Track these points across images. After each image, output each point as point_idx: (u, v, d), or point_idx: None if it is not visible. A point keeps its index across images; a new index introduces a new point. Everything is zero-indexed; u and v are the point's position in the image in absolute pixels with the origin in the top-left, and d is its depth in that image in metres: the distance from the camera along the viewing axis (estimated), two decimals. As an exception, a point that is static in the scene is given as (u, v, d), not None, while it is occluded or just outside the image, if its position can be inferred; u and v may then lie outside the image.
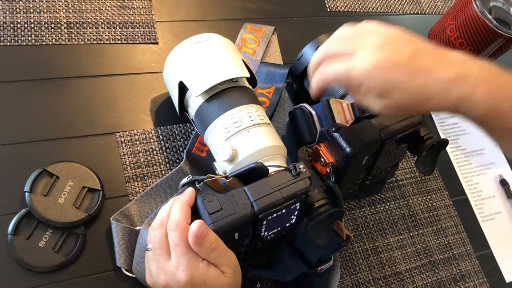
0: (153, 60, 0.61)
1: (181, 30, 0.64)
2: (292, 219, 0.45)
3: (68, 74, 0.57)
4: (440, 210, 0.65)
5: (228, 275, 0.39)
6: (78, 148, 0.53)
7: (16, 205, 0.48)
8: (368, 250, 0.59)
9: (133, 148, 0.55)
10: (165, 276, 0.38)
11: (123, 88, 0.58)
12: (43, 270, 0.46)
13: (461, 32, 0.57)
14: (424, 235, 0.62)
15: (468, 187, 0.69)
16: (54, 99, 0.55)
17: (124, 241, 0.48)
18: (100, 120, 0.55)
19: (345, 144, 0.48)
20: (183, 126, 0.58)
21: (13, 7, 0.58)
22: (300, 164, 0.42)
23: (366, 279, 0.57)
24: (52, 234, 0.47)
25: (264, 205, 0.40)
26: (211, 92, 0.49)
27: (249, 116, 0.48)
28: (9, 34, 0.56)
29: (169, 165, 0.55)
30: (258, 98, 0.54)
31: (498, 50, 0.57)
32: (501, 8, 0.57)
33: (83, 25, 0.60)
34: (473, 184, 0.69)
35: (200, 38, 0.51)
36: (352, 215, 0.60)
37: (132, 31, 0.62)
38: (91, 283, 0.47)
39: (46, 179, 0.49)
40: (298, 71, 0.60)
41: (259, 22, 0.68)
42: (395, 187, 0.64)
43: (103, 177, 0.51)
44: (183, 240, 0.37)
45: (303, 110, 0.53)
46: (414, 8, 0.81)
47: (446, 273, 0.61)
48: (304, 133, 0.54)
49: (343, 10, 0.75)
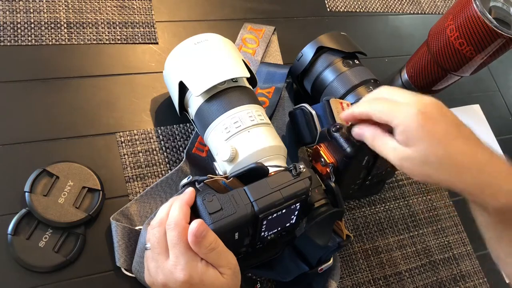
0: (153, 60, 0.61)
1: (181, 30, 0.64)
2: (292, 219, 0.45)
3: (68, 74, 0.57)
4: (440, 210, 0.65)
5: (226, 276, 0.39)
6: (78, 148, 0.53)
7: (16, 205, 0.48)
8: (368, 250, 0.59)
9: (133, 148, 0.55)
10: (163, 275, 0.38)
11: (123, 88, 0.58)
12: (43, 270, 0.46)
13: (461, 32, 0.57)
14: (424, 235, 0.62)
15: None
16: (54, 99, 0.55)
17: (124, 241, 0.48)
18: (100, 120, 0.55)
19: (345, 144, 0.48)
20: (183, 126, 0.58)
21: (13, 7, 0.58)
22: (300, 164, 0.42)
23: (366, 279, 0.57)
24: (52, 234, 0.47)
25: (264, 205, 0.40)
26: (211, 92, 0.49)
27: (249, 116, 0.48)
28: (9, 34, 0.56)
29: (169, 165, 0.55)
30: (258, 98, 0.54)
31: (498, 50, 0.57)
32: (501, 8, 0.57)
33: (83, 25, 0.60)
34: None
35: (200, 38, 0.51)
36: (352, 215, 0.60)
37: (132, 31, 0.62)
38: (91, 283, 0.47)
39: (46, 179, 0.49)
40: (298, 71, 0.60)
41: (259, 22, 0.68)
42: (395, 187, 0.64)
43: (103, 177, 0.51)
44: (182, 239, 0.37)
45: (303, 110, 0.53)
46: (414, 8, 0.81)
47: (446, 273, 0.61)
48: (304, 133, 0.54)
49: (343, 10, 0.75)
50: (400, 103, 0.40)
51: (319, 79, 0.58)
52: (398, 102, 0.41)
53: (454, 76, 0.64)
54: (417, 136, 0.39)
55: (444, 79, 0.65)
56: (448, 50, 0.60)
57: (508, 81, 0.80)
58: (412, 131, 0.39)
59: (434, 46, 0.62)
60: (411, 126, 0.39)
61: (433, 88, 0.68)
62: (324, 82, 0.58)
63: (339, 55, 0.57)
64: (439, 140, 0.39)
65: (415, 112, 0.39)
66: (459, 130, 0.39)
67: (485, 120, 0.75)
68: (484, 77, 0.78)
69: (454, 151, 0.39)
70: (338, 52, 0.57)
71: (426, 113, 0.39)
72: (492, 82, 0.79)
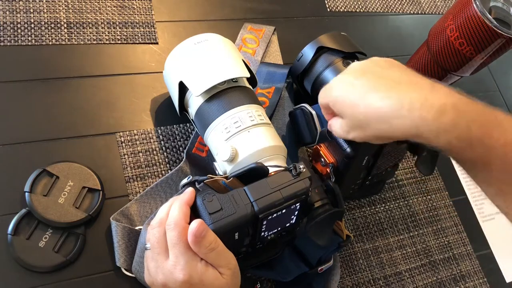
0: (153, 60, 0.61)
1: (181, 30, 0.64)
2: (292, 219, 0.45)
3: (68, 74, 0.57)
4: (440, 210, 0.65)
5: (226, 276, 0.39)
6: (78, 148, 0.53)
7: (16, 205, 0.48)
8: (368, 250, 0.59)
9: (133, 148, 0.55)
10: (163, 275, 0.38)
11: (123, 88, 0.58)
12: (43, 270, 0.46)
13: (461, 32, 0.57)
14: (424, 235, 0.62)
15: (468, 187, 0.68)
16: (54, 99, 0.55)
17: (124, 241, 0.48)
18: (100, 120, 0.55)
19: (345, 145, 0.48)
20: (183, 126, 0.58)
21: (13, 7, 0.58)
22: (300, 164, 0.42)
23: (366, 279, 0.57)
24: (52, 234, 0.47)
25: (264, 205, 0.40)
26: (211, 92, 0.49)
27: (249, 116, 0.48)
28: (9, 34, 0.56)
29: (169, 165, 0.55)
30: (258, 98, 0.54)
31: (498, 50, 0.57)
32: (501, 8, 0.57)
33: (83, 25, 0.60)
34: (473, 184, 0.69)
35: (200, 38, 0.51)
36: (352, 215, 0.60)
37: (132, 31, 0.62)
38: (91, 283, 0.47)
39: (46, 179, 0.49)
40: (298, 71, 0.60)
41: (259, 22, 0.68)
42: (395, 187, 0.64)
43: (103, 177, 0.51)
44: (181, 239, 0.37)
45: (304, 110, 0.53)
46: (414, 8, 0.81)
47: (446, 273, 0.61)
48: (305, 133, 0.54)
49: (343, 10, 0.75)
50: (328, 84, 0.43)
51: (319, 79, 0.58)
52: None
53: (454, 76, 0.64)
54: (340, 105, 0.41)
55: (444, 79, 0.65)
56: (448, 50, 0.60)
57: (508, 81, 0.80)
58: (335, 102, 0.41)
59: (434, 46, 0.62)
60: (333, 99, 0.41)
61: (433, 88, 0.68)
62: (324, 82, 0.57)
63: (339, 55, 0.57)
64: (354, 101, 0.39)
65: (332, 85, 0.42)
66: (379, 82, 0.39)
67: (485, 120, 0.75)
68: (484, 77, 0.78)
69: (371, 103, 0.38)
70: (338, 52, 0.57)
71: (343, 82, 0.41)
72: (492, 82, 0.79)
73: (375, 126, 0.39)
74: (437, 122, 0.35)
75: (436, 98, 0.36)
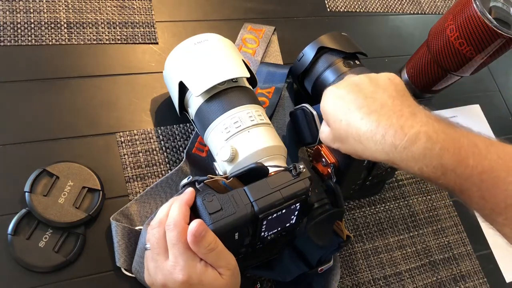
0: (153, 60, 0.61)
1: (181, 30, 0.64)
2: (292, 219, 0.45)
3: (68, 74, 0.57)
4: (440, 210, 0.65)
5: (225, 277, 0.39)
6: (78, 148, 0.53)
7: (16, 205, 0.48)
8: (368, 250, 0.59)
9: (133, 148, 0.55)
10: (162, 276, 0.38)
11: (123, 88, 0.58)
12: (43, 270, 0.46)
13: (461, 32, 0.57)
14: (424, 235, 0.62)
15: (468, 187, 0.68)
16: (54, 99, 0.55)
17: (124, 241, 0.48)
18: (100, 120, 0.55)
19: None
20: (183, 126, 0.58)
21: (13, 7, 0.58)
22: (300, 164, 0.42)
23: (366, 279, 0.57)
24: (52, 234, 0.47)
25: (264, 205, 0.40)
26: (211, 92, 0.49)
27: (249, 116, 0.48)
28: (9, 34, 0.56)
29: (169, 165, 0.55)
30: (258, 98, 0.54)
31: (498, 50, 0.57)
32: (501, 8, 0.57)
33: (83, 25, 0.60)
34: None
35: (200, 38, 0.51)
36: (352, 215, 0.60)
37: (132, 31, 0.62)
38: (91, 283, 0.47)
39: (46, 179, 0.49)
40: (299, 71, 0.60)
41: (259, 22, 0.68)
42: (395, 187, 0.64)
43: (103, 177, 0.51)
44: (181, 239, 0.37)
45: (304, 110, 0.53)
46: (414, 8, 0.81)
47: (446, 273, 0.61)
48: (305, 133, 0.54)
49: (343, 10, 0.75)
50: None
51: (320, 80, 0.58)
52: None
53: (454, 76, 0.64)
54: (327, 116, 0.43)
55: (444, 79, 0.65)
56: (448, 50, 0.60)
57: (508, 81, 0.80)
58: (324, 112, 0.43)
59: (434, 46, 0.62)
60: (324, 109, 0.43)
61: (433, 88, 0.68)
62: (325, 82, 0.58)
63: (339, 56, 0.57)
64: (339, 115, 0.41)
65: (326, 94, 0.43)
66: (364, 103, 0.40)
67: (485, 120, 0.75)
68: (484, 77, 0.78)
69: (352, 122, 0.40)
70: (339, 53, 0.57)
71: (334, 94, 0.42)
72: (492, 82, 0.79)
73: (352, 143, 0.40)
74: (407, 151, 0.36)
75: (411, 126, 0.37)
